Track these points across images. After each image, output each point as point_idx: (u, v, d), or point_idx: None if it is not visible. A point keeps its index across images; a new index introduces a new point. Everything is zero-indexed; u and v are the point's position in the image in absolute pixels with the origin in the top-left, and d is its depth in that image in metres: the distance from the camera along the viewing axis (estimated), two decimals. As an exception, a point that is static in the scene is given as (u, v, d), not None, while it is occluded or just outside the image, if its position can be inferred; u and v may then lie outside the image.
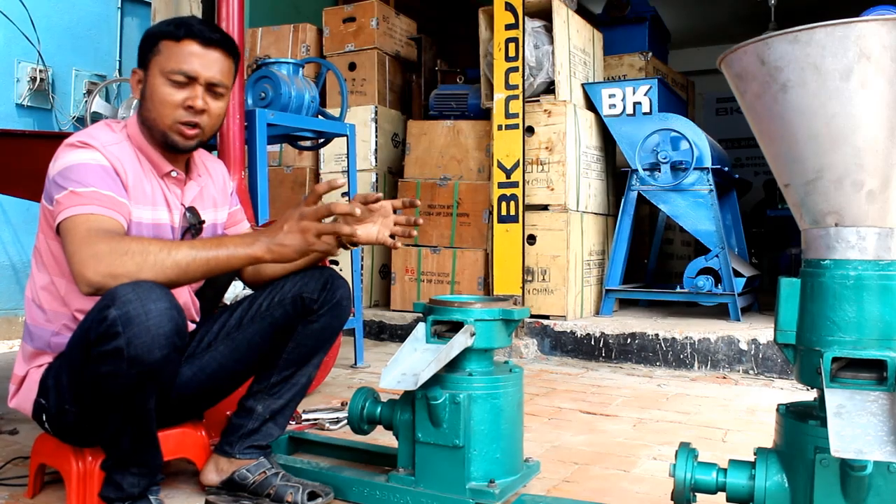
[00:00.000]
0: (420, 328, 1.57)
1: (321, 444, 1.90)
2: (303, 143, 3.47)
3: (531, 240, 3.72)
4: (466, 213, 4.02)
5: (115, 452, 1.37)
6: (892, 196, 1.14)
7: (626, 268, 4.01)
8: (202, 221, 1.60)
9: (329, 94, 4.48)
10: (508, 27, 3.64)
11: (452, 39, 5.26)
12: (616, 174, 4.30)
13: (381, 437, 1.89)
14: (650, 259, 4.65)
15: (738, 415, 2.45)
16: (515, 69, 3.63)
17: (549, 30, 3.81)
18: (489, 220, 3.79)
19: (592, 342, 3.47)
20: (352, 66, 4.58)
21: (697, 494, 1.28)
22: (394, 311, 4.16)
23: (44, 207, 1.43)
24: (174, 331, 1.25)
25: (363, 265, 4.30)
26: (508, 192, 3.63)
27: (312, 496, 1.53)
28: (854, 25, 1.06)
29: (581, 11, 4.23)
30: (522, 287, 3.61)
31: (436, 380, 1.48)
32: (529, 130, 3.75)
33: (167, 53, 1.44)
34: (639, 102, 3.86)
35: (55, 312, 1.46)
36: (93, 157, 1.38)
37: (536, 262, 3.71)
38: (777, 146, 1.20)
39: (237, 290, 2.02)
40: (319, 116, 3.14)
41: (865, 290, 1.13)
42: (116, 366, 1.23)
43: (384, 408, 1.63)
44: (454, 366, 1.52)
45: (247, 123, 2.64)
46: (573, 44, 3.95)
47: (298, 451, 1.92)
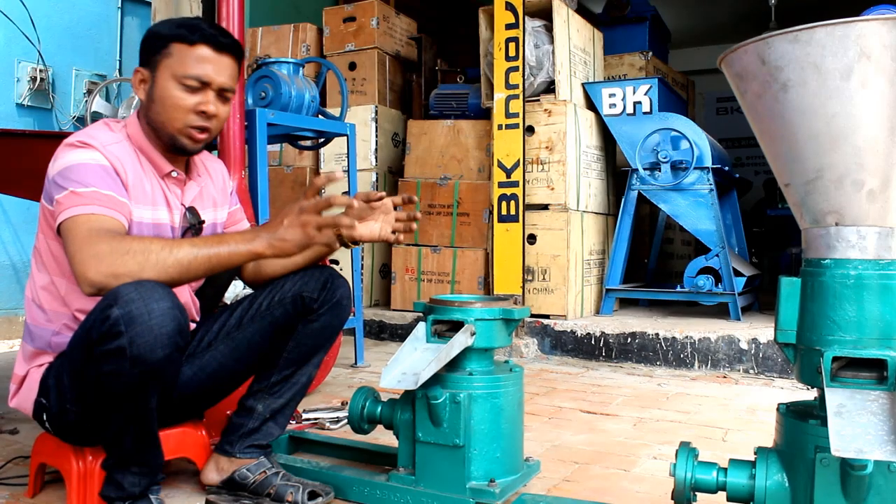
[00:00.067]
0: (420, 328, 1.57)
1: (321, 444, 1.90)
2: (303, 143, 3.47)
3: (531, 239, 3.72)
4: (467, 213, 4.02)
5: (117, 451, 1.37)
6: (893, 195, 1.14)
7: (627, 267, 4.01)
8: (202, 221, 1.60)
9: (329, 94, 4.48)
10: (509, 27, 3.63)
11: (453, 39, 5.26)
12: (616, 174, 4.30)
13: (382, 437, 1.89)
14: (650, 258, 4.65)
15: (739, 414, 2.45)
16: (516, 69, 3.63)
17: (550, 29, 3.81)
18: (489, 220, 3.79)
19: (593, 342, 3.47)
20: (352, 66, 4.58)
21: (698, 494, 1.28)
22: (394, 311, 4.16)
23: (43, 207, 1.43)
24: (176, 330, 1.26)
25: (363, 264, 4.30)
26: (509, 192, 3.63)
27: (313, 496, 1.53)
28: (854, 25, 1.06)
29: (581, 11, 4.23)
30: (523, 286, 3.61)
31: (436, 379, 1.48)
32: (530, 130, 3.75)
33: (180, 57, 1.43)
34: (639, 102, 3.86)
35: (55, 312, 1.46)
36: (92, 157, 1.38)
37: (537, 262, 3.71)
38: (777, 145, 1.20)
39: (237, 290, 2.02)
40: (320, 116, 3.14)
41: (866, 290, 1.13)
42: (119, 365, 1.24)
43: (384, 407, 1.63)
44: (454, 365, 1.52)
45: (247, 123, 2.64)
46: (573, 43, 3.95)
47: (299, 451, 1.92)
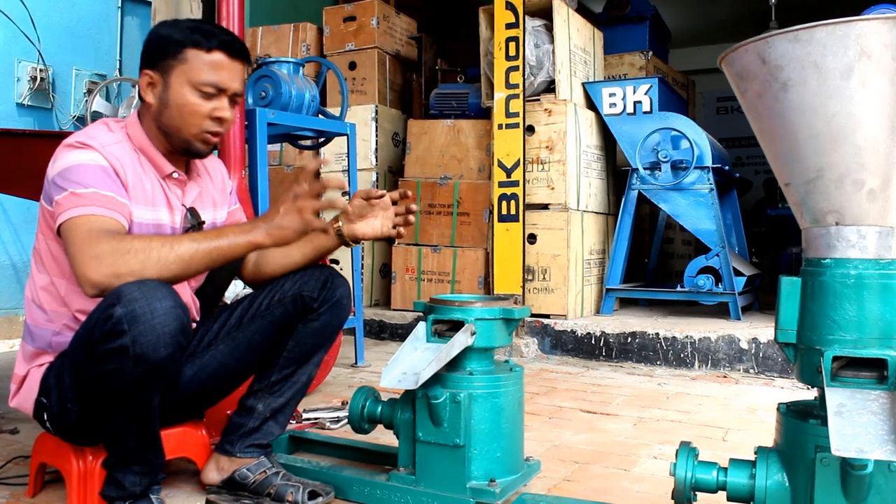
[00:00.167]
0: (420, 327, 1.57)
1: (322, 444, 1.90)
2: (303, 143, 3.47)
3: (531, 239, 3.72)
4: (467, 213, 4.02)
5: (118, 451, 1.37)
6: (893, 195, 1.13)
7: (627, 267, 4.01)
8: (202, 222, 1.60)
9: (329, 94, 4.48)
10: (509, 26, 3.63)
11: (453, 38, 5.26)
12: (616, 173, 4.30)
13: (382, 437, 1.89)
14: (650, 258, 4.65)
15: (739, 414, 2.45)
16: (516, 68, 3.63)
17: (550, 29, 3.81)
18: (490, 220, 3.79)
19: (593, 341, 3.47)
20: (352, 66, 4.58)
21: (698, 493, 1.28)
22: (394, 311, 4.16)
23: (43, 208, 1.43)
24: (179, 329, 1.26)
25: (363, 264, 4.30)
26: (509, 192, 3.63)
27: (313, 495, 1.53)
28: (855, 24, 1.06)
29: (581, 10, 4.23)
30: (523, 286, 3.61)
31: (436, 379, 1.48)
32: (530, 129, 3.75)
33: (196, 64, 1.43)
34: (639, 101, 3.86)
35: (56, 312, 1.46)
36: (92, 158, 1.38)
37: (537, 262, 3.71)
38: (778, 145, 1.20)
39: (237, 289, 2.02)
40: (320, 116, 3.14)
41: (866, 289, 1.13)
42: (122, 364, 1.24)
43: (385, 407, 1.63)
44: (455, 365, 1.52)
45: (247, 123, 2.64)
46: (574, 43, 3.95)
47: (299, 451, 1.92)
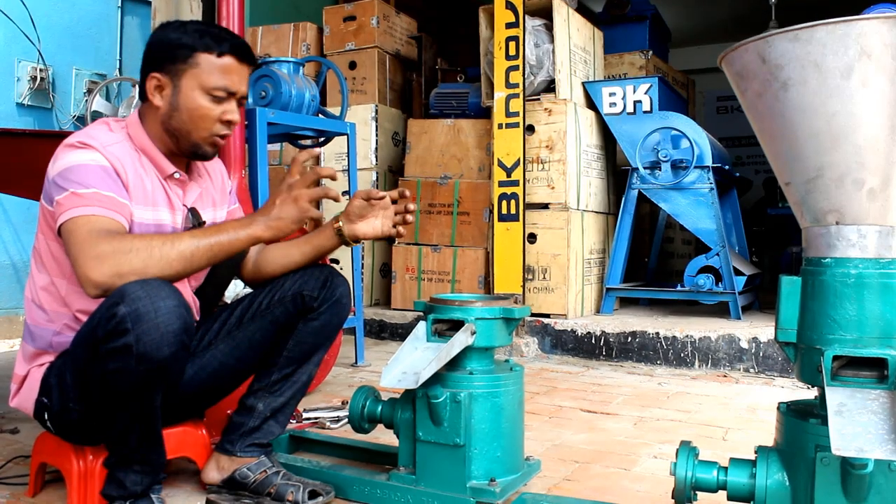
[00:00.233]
0: (421, 327, 1.57)
1: (322, 443, 1.90)
2: (303, 142, 3.47)
3: (532, 238, 3.72)
4: (467, 212, 4.02)
5: (120, 450, 1.37)
6: (893, 194, 1.13)
7: (627, 266, 4.01)
8: (203, 222, 1.60)
9: (329, 93, 4.48)
10: (509, 26, 3.63)
11: (453, 38, 5.26)
12: (616, 173, 4.30)
13: (382, 436, 1.89)
14: (651, 258, 4.65)
15: (739, 413, 2.45)
16: (516, 68, 3.62)
17: (550, 28, 3.81)
18: (490, 219, 3.79)
19: (593, 341, 3.47)
20: (352, 65, 4.58)
21: (698, 493, 1.28)
22: (394, 310, 4.16)
23: (43, 208, 1.43)
24: (182, 328, 1.26)
25: (363, 264, 4.30)
26: (509, 191, 3.63)
27: (313, 495, 1.53)
28: (855, 23, 1.06)
29: (581, 10, 4.23)
30: (523, 286, 3.61)
31: (436, 378, 1.48)
32: (530, 129, 3.75)
33: (207, 68, 1.44)
34: (639, 101, 3.86)
35: (56, 313, 1.46)
36: (93, 158, 1.38)
37: (537, 261, 3.71)
38: (778, 144, 1.20)
39: (237, 289, 2.02)
40: (320, 115, 3.14)
41: (866, 289, 1.13)
42: (125, 362, 1.24)
43: (385, 406, 1.63)
44: (455, 364, 1.52)
45: (247, 122, 2.64)
46: (574, 42, 3.95)
47: (299, 450, 1.92)
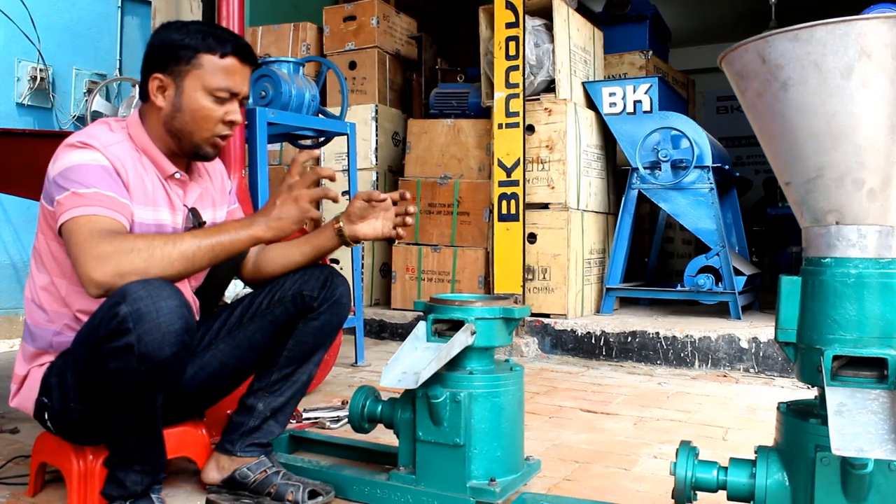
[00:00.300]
0: (421, 327, 1.57)
1: (322, 443, 1.90)
2: (303, 142, 3.47)
3: (532, 238, 3.72)
4: (467, 212, 4.02)
5: (120, 450, 1.37)
6: (893, 194, 1.13)
7: (627, 266, 4.01)
8: (203, 222, 1.60)
9: (329, 93, 4.48)
10: (509, 25, 3.63)
11: (453, 38, 5.26)
12: (616, 172, 4.30)
13: (382, 436, 1.89)
14: (651, 257, 4.65)
15: (739, 413, 2.45)
16: (516, 68, 3.62)
17: (550, 28, 3.81)
18: (490, 219, 3.79)
19: (593, 340, 3.47)
20: (352, 65, 4.58)
21: (698, 493, 1.28)
22: (394, 310, 4.16)
23: (43, 208, 1.43)
24: (184, 328, 1.26)
25: (363, 263, 4.30)
26: (509, 191, 3.63)
27: (313, 495, 1.53)
28: (855, 23, 1.06)
29: (581, 10, 4.23)
30: (523, 285, 3.61)
31: (436, 378, 1.48)
32: (530, 129, 3.75)
33: (211, 69, 1.45)
34: (639, 101, 3.86)
35: (57, 313, 1.46)
36: (94, 158, 1.38)
37: (537, 261, 3.71)
38: (778, 144, 1.20)
39: (237, 289, 2.02)
40: (320, 115, 3.14)
41: (866, 289, 1.13)
42: (126, 362, 1.24)
43: (385, 406, 1.63)
44: (455, 364, 1.52)
45: (247, 122, 2.64)
46: (574, 42, 3.94)
47: (299, 450, 1.92)
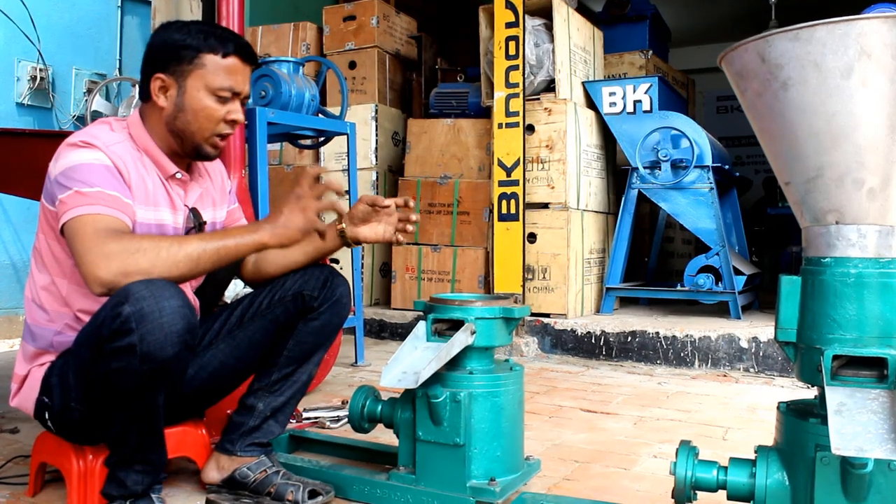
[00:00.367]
0: (421, 326, 1.57)
1: (322, 443, 1.90)
2: (303, 142, 3.47)
3: (532, 238, 3.72)
4: (467, 212, 4.02)
5: (121, 449, 1.37)
6: (893, 194, 1.13)
7: (627, 266, 4.01)
8: (204, 222, 1.61)
9: (329, 93, 4.48)
10: (509, 25, 3.63)
11: (453, 38, 5.26)
12: (616, 172, 4.30)
13: (382, 436, 1.89)
14: (651, 257, 4.65)
15: (739, 413, 2.45)
16: (516, 67, 3.62)
17: (550, 28, 3.81)
18: (490, 219, 3.79)
19: (593, 340, 3.47)
20: (352, 65, 4.58)
21: (698, 492, 1.28)
22: (394, 310, 4.16)
23: (44, 207, 1.43)
24: (186, 328, 1.26)
25: (363, 263, 4.30)
26: (509, 191, 3.63)
27: (313, 494, 1.53)
28: (855, 23, 1.06)
29: (581, 9, 4.23)
30: (523, 285, 3.61)
31: (436, 378, 1.48)
32: (530, 129, 3.75)
33: (213, 69, 1.45)
34: (639, 100, 3.86)
35: (57, 312, 1.46)
36: (96, 157, 1.38)
37: (537, 261, 3.71)
38: (778, 144, 1.20)
39: (237, 289, 2.02)
40: (320, 115, 3.13)
41: (866, 288, 1.13)
42: (129, 362, 1.24)
43: (385, 406, 1.63)
44: (455, 364, 1.52)
45: (247, 122, 2.64)
46: (573, 42, 3.94)
47: (299, 450, 1.92)
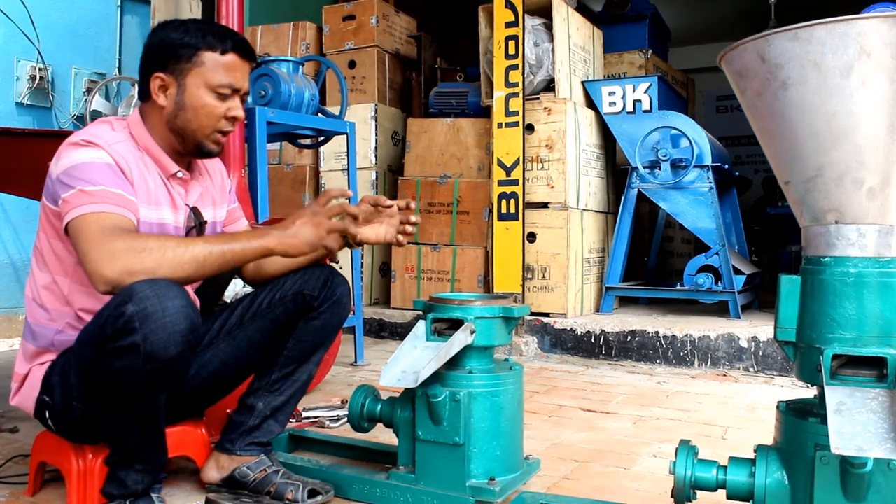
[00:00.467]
0: (420, 326, 1.57)
1: (321, 442, 1.90)
2: (303, 141, 3.47)
3: (531, 237, 3.72)
4: (466, 211, 4.02)
5: (122, 449, 1.37)
6: (893, 193, 1.13)
7: (627, 265, 4.01)
8: (204, 221, 1.61)
9: (329, 92, 4.48)
10: (508, 25, 3.63)
11: (452, 37, 5.25)
12: (616, 172, 4.30)
13: (382, 435, 1.89)
14: (650, 257, 4.65)
15: (739, 412, 2.45)
16: (515, 67, 3.62)
17: (549, 27, 3.81)
18: (489, 218, 3.79)
19: (592, 340, 3.47)
20: (352, 64, 4.57)
21: (697, 492, 1.28)
22: (394, 309, 4.16)
23: (45, 206, 1.42)
24: (189, 328, 1.26)
25: (363, 263, 4.30)
26: (508, 190, 3.63)
27: (313, 494, 1.53)
28: (855, 22, 1.06)
29: (581, 9, 4.23)
30: (522, 285, 3.61)
31: (436, 377, 1.48)
32: (529, 128, 3.75)
33: (213, 66, 1.45)
34: (639, 100, 3.85)
35: (58, 311, 1.46)
36: (98, 156, 1.38)
37: (536, 260, 3.71)
38: (777, 144, 1.20)
39: (237, 288, 2.02)
40: (319, 114, 3.13)
41: (866, 288, 1.13)
42: (132, 361, 1.24)
43: (384, 405, 1.63)
44: (454, 363, 1.52)
45: (247, 122, 2.64)
46: (573, 41, 3.94)
47: (299, 449, 1.92)
